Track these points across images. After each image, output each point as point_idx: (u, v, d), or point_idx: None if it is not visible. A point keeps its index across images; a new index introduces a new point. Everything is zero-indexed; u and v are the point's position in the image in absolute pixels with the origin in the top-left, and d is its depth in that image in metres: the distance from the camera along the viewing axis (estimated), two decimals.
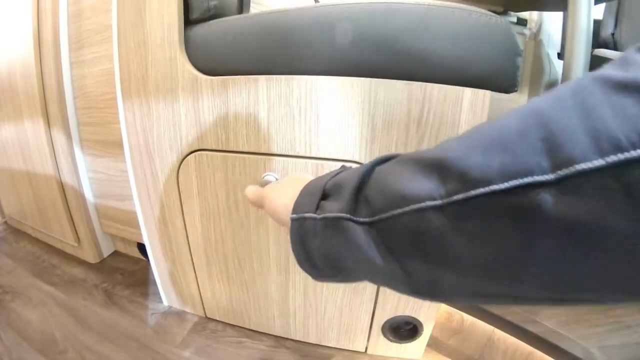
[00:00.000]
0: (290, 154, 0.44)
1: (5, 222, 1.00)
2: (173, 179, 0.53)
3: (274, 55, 0.42)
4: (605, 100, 0.12)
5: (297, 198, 0.24)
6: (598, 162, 0.11)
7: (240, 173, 0.48)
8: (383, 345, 0.57)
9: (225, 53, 0.45)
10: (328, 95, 0.41)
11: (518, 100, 1.37)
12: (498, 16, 0.38)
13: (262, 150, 0.45)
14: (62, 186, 0.73)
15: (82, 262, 0.82)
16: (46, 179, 0.74)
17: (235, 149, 0.47)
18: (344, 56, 0.39)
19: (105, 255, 0.84)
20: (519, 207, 0.13)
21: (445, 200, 0.15)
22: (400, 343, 0.56)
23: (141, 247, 0.80)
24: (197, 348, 0.61)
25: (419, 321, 0.52)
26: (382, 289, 0.50)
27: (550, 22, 1.24)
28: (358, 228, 0.20)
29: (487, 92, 0.39)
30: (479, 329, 0.57)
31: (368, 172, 0.21)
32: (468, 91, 0.38)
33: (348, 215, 0.20)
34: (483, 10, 0.38)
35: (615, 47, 1.15)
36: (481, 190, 0.14)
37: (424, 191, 0.16)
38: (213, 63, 0.46)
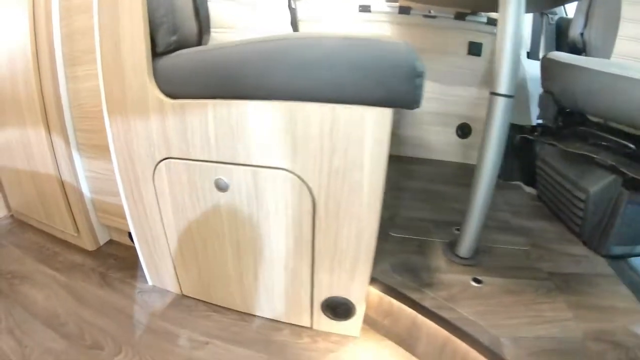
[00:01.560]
0: (234, 162, 0.60)
1: (12, 216, 1.20)
2: (150, 181, 0.70)
3: (219, 83, 0.57)
4: None
5: None
6: None
7: (199, 177, 0.64)
8: (325, 322, 0.73)
9: (184, 81, 0.61)
10: (258, 116, 0.56)
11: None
12: (401, 42, 0.51)
13: (213, 159, 0.61)
14: (62, 184, 0.92)
15: (81, 250, 1.01)
16: (48, 178, 0.93)
17: (194, 158, 0.63)
18: (271, 84, 0.54)
19: (102, 243, 1.03)
20: None
21: None
22: (338, 320, 0.72)
23: (132, 236, 0.98)
24: (173, 319, 0.79)
25: (350, 302, 0.68)
26: (317, 272, 0.66)
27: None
28: None
29: (389, 110, 0.51)
30: (404, 312, 0.69)
31: None
32: (371, 110, 0.51)
33: None
34: (387, 39, 0.51)
35: (584, 47, 1.23)
36: None
37: None
38: (175, 89, 0.62)
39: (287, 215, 0.61)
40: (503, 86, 0.69)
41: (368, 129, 0.52)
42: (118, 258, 0.98)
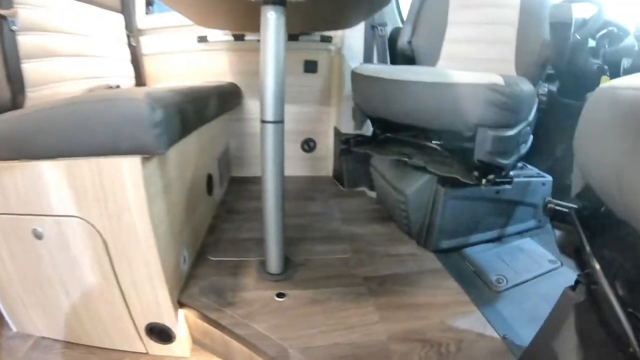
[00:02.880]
0: (42, 213, 0.74)
1: None
2: None
3: (19, 147, 0.72)
4: None
5: None
6: None
7: (20, 228, 0.78)
8: (157, 347, 0.86)
9: None
10: (51, 174, 0.71)
11: (329, 112, 1.65)
12: (142, 97, 0.64)
13: (27, 212, 0.76)
14: None
15: None
16: None
17: (13, 212, 0.77)
18: (52, 145, 0.68)
19: None
20: None
21: None
22: (165, 344, 0.85)
23: None
24: None
25: (166, 326, 0.82)
26: (129, 302, 0.79)
27: (352, 37, 1.53)
28: None
29: (138, 158, 0.66)
30: (215, 331, 0.81)
31: None
32: (125, 159, 0.66)
33: None
34: (130, 96, 0.65)
35: (412, 54, 1.40)
36: None
37: None
38: None
39: (89, 256, 0.75)
40: (270, 114, 0.81)
41: (125, 176, 0.67)
42: None
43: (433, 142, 1.09)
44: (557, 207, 0.72)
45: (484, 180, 0.91)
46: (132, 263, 0.74)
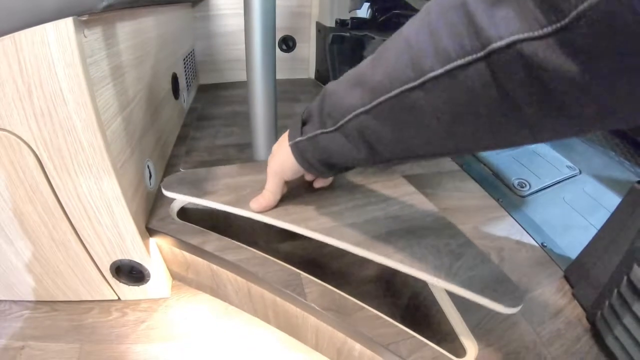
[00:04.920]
0: None
1: None
2: None
3: None
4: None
5: (288, 131, 0.46)
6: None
7: None
8: (129, 291, 0.75)
9: None
10: None
11: (311, 4, 1.51)
12: None
13: None
14: None
15: None
16: None
17: None
18: None
19: None
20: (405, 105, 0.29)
21: (367, 107, 0.33)
22: (138, 285, 0.74)
23: None
24: None
25: (136, 262, 0.70)
26: (84, 237, 0.66)
27: None
28: (330, 135, 0.39)
29: (69, 20, 0.47)
30: (198, 261, 0.70)
31: (323, 96, 0.40)
32: (51, 27, 0.47)
33: (321, 131, 0.40)
34: None
35: None
36: (385, 96, 0.30)
37: (354, 102, 0.34)
38: None
39: (22, 183, 0.61)
40: None
41: (55, 51, 0.49)
42: None
43: None
44: None
45: None
46: (78, 182, 0.61)
